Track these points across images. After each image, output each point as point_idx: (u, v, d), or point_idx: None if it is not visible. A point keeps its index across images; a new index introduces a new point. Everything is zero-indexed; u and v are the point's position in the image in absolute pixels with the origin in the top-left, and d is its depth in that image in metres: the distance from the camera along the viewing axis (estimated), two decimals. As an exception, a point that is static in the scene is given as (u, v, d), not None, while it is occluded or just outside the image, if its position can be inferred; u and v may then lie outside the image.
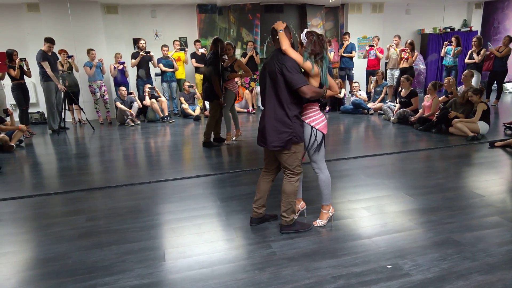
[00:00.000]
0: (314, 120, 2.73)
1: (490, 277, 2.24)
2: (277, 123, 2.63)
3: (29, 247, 2.83)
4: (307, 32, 2.65)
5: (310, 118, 2.74)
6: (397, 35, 8.54)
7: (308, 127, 2.74)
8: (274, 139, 2.64)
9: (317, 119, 2.74)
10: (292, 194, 2.78)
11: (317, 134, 2.73)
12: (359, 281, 2.23)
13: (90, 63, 7.52)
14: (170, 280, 2.33)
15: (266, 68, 2.70)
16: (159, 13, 8.89)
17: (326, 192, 2.90)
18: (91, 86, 7.70)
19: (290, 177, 2.77)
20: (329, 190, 2.90)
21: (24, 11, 7.85)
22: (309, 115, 2.75)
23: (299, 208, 3.07)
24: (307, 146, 2.78)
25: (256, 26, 9.33)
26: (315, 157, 2.82)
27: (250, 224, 3.01)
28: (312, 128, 2.73)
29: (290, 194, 2.77)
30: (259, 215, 2.99)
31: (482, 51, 7.82)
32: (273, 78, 2.61)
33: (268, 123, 2.67)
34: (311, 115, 2.75)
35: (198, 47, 8.47)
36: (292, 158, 2.71)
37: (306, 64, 2.58)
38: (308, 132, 2.74)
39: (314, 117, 2.74)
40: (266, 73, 2.69)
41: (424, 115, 6.35)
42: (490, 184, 3.77)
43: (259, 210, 2.97)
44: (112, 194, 3.85)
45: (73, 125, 7.91)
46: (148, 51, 7.89)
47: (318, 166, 2.85)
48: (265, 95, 2.72)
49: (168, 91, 8.43)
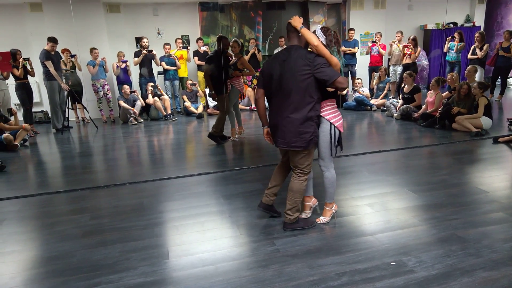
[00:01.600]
0: (333, 118, 2.68)
1: (495, 273, 2.23)
2: (299, 123, 2.57)
3: (34, 246, 2.85)
4: (322, 27, 2.65)
5: (330, 115, 2.68)
6: (400, 31, 8.48)
7: (327, 123, 2.68)
8: (297, 140, 2.59)
9: (335, 116, 2.70)
10: (299, 193, 2.76)
11: (335, 131, 2.69)
12: (363, 278, 2.23)
13: (93, 62, 7.54)
14: (174, 278, 2.34)
15: (282, 67, 2.58)
16: (161, 11, 8.88)
17: (331, 191, 2.88)
18: (94, 85, 7.71)
19: (300, 176, 2.74)
20: (334, 188, 2.88)
21: (27, 11, 7.87)
22: (328, 111, 2.69)
23: (311, 205, 3.05)
24: (320, 142, 2.73)
25: (258, 23, 9.31)
26: (325, 155, 2.77)
27: (257, 207, 3.02)
28: (331, 124, 2.68)
29: (297, 192, 2.75)
30: (268, 201, 2.97)
31: (485, 46, 7.76)
32: (297, 77, 2.51)
33: (288, 123, 2.60)
34: (331, 111, 2.70)
35: (201, 45, 8.46)
36: (306, 158, 2.69)
37: (334, 60, 2.55)
38: (326, 128, 2.69)
39: (333, 114, 2.69)
40: (281, 71, 2.58)
41: (427, 111, 6.31)
42: (494, 180, 3.75)
43: (271, 197, 2.95)
44: (116, 193, 3.86)
45: (77, 124, 7.94)
46: (151, 50, 7.89)
47: (325, 164, 2.81)
48: (278, 93, 2.62)
49: (171, 89, 8.44)
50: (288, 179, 2.88)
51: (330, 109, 2.70)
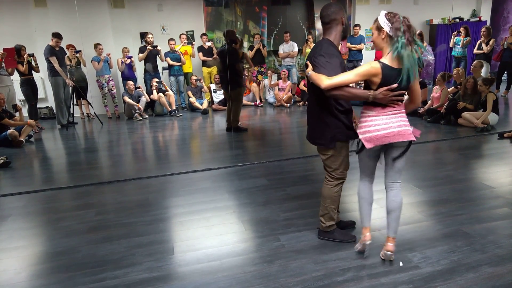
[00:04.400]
0: (360, 128, 2.24)
1: (500, 269, 2.22)
2: (317, 116, 2.36)
3: (39, 241, 2.87)
4: (387, 13, 2.08)
5: (360, 123, 2.26)
6: (406, 25, 8.41)
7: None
8: (318, 135, 2.39)
9: (363, 127, 2.22)
10: (329, 199, 2.51)
11: (359, 144, 2.28)
12: (368, 274, 2.23)
13: (97, 57, 7.55)
14: (179, 273, 2.35)
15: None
16: (165, 7, 8.87)
17: (359, 209, 2.47)
18: (99, 80, 7.73)
19: (329, 180, 2.50)
20: (359, 207, 2.47)
21: (32, 7, 7.88)
22: (362, 119, 2.28)
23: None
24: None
25: (263, 18, 9.28)
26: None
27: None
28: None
29: (327, 198, 2.51)
30: (337, 220, 2.68)
31: (491, 41, 7.68)
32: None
33: (311, 117, 2.42)
34: (362, 119, 2.27)
35: (205, 41, 8.44)
36: (332, 160, 2.42)
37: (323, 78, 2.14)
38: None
39: (362, 123, 2.24)
40: None
41: (433, 106, 6.27)
42: (500, 176, 3.72)
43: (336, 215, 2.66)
44: (121, 188, 3.88)
45: (82, 119, 7.97)
46: (156, 45, 7.89)
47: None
48: (308, 85, 2.41)
49: (176, 85, 8.44)
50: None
51: (363, 117, 2.22)
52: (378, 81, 2.08)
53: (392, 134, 2.13)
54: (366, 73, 2.08)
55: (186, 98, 8.57)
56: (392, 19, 2.04)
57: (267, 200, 3.37)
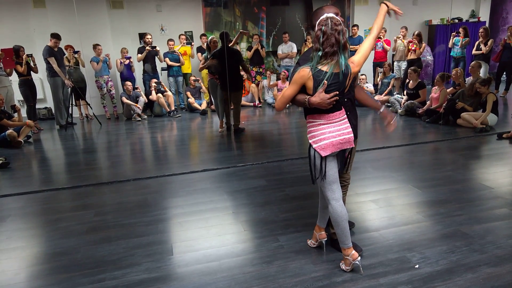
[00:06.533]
0: (312, 137, 2.16)
1: (499, 270, 2.22)
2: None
3: (38, 242, 2.87)
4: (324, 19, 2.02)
5: (310, 133, 2.19)
6: (404, 26, 8.43)
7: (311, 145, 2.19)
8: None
9: (315, 136, 2.15)
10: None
11: (315, 154, 2.16)
12: (367, 274, 2.23)
13: (96, 58, 7.54)
14: (178, 274, 2.35)
15: None
16: (164, 7, 8.87)
17: (338, 232, 2.21)
18: (97, 81, 7.72)
19: (345, 189, 2.52)
20: (342, 229, 2.19)
21: (30, 7, 7.86)
22: (310, 129, 2.22)
23: (317, 238, 2.52)
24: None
25: (261, 19, 9.28)
26: (318, 182, 2.24)
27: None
28: (310, 146, 2.18)
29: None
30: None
31: (489, 42, 7.69)
32: None
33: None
34: (312, 129, 2.20)
35: (204, 41, 8.43)
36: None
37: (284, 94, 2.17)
38: (309, 150, 2.21)
39: (314, 132, 2.17)
40: None
41: (432, 107, 6.28)
42: (498, 176, 3.72)
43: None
44: (120, 189, 3.87)
45: (80, 120, 7.96)
46: (154, 46, 7.89)
47: (324, 195, 2.27)
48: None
49: (175, 86, 8.43)
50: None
51: (312, 127, 2.17)
52: (312, 84, 2.05)
53: (346, 140, 2.15)
54: (298, 77, 2.07)
55: (185, 99, 8.56)
56: (320, 23, 2.00)
57: (266, 200, 3.36)
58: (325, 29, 1.98)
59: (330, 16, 2.01)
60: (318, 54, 2.01)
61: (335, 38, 1.97)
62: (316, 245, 2.54)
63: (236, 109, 5.99)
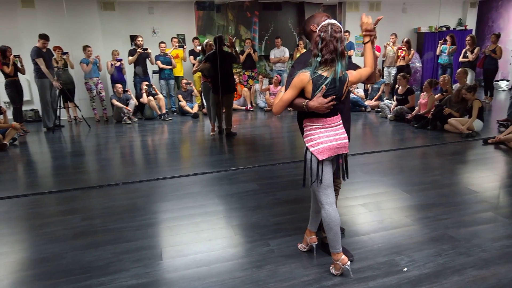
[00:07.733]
0: (309, 141, 2.18)
1: (485, 272, 2.26)
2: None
3: (23, 248, 2.81)
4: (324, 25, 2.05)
5: (307, 137, 2.20)
6: (394, 33, 8.55)
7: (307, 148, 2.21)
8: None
9: (312, 139, 2.16)
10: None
11: (311, 158, 2.16)
12: (357, 278, 2.24)
13: (86, 60, 7.47)
14: (167, 279, 2.32)
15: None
16: (156, 10, 8.84)
17: (330, 236, 2.21)
18: (87, 83, 7.64)
19: (338, 192, 2.57)
20: (334, 233, 2.19)
21: (19, 7, 7.75)
22: (307, 133, 2.23)
23: (307, 241, 2.52)
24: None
25: (254, 23, 9.32)
26: (313, 186, 2.23)
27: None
28: (306, 149, 2.19)
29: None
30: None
31: (475, 50, 7.85)
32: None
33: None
34: (309, 132, 2.22)
35: (196, 45, 8.42)
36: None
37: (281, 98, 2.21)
38: (305, 153, 2.21)
39: (310, 136, 2.18)
40: None
41: (420, 112, 6.37)
42: (484, 181, 3.79)
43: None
44: (108, 193, 3.83)
45: (69, 123, 7.86)
46: (146, 48, 7.85)
47: (318, 199, 2.26)
48: None
49: (166, 89, 8.40)
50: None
51: (309, 130, 2.18)
52: (311, 88, 2.06)
53: (342, 145, 2.17)
54: (297, 81, 2.08)
55: (176, 102, 8.53)
56: (321, 29, 2.02)
57: (257, 204, 3.36)
58: (324, 35, 2.00)
59: (331, 23, 2.02)
60: (317, 60, 2.03)
61: (333, 45, 1.99)
62: (307, 249, 2.55)
63: (227, 112, 6.00)
